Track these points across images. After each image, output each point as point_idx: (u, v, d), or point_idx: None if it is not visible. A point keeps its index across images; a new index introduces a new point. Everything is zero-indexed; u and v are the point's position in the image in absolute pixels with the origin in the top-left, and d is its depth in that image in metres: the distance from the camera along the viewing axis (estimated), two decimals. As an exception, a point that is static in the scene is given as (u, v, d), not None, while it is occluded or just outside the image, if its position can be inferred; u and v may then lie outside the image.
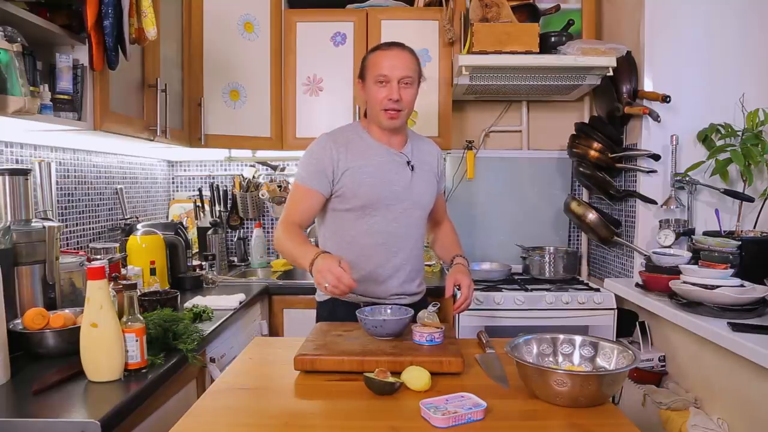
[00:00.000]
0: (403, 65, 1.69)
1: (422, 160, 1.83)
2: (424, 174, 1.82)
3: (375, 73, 1.69)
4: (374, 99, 1.71)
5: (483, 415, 1.09)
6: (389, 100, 1.68)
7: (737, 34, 2.30)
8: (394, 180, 1.75)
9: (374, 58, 1.72)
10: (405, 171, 1.77)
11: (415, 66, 1.73)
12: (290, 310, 2.50)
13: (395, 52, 1.71)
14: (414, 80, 1.72)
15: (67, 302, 1.61)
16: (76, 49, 1.68)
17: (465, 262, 1.84)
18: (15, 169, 1.52)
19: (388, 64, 1.68)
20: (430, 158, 1.87)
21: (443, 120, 2.73)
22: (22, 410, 1.13)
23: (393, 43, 1.75)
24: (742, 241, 2.01)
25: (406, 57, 1.71)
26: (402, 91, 1.68)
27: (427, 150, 1.88)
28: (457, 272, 1.78)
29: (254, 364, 1.45)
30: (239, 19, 2.62)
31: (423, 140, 1.92)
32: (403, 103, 1.69)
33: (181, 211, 3.08)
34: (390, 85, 1.68)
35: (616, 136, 2.50)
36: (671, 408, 1.84)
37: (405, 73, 1.68)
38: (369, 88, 1.73)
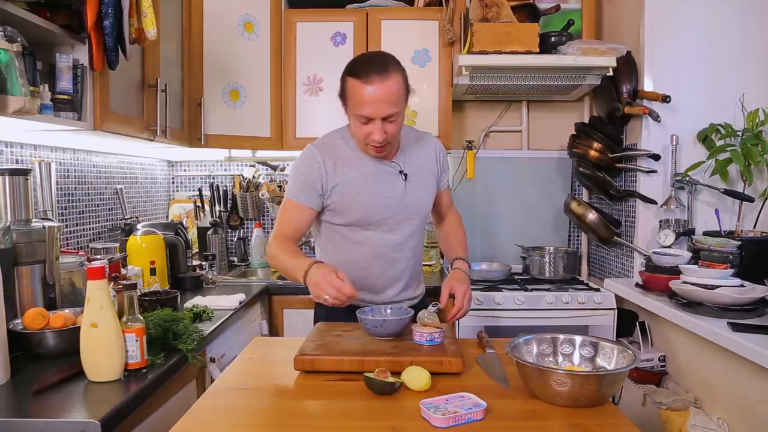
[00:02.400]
0: (386, 101, 1.50)
1: (417, 165, 1.72)
2: (420, 180, 1.72)
3: (356, 111, 1.53)
4: (358, 132, 1.58)
5: (483, 415, 1.09)
6: (373, 139, 1.55)
7: (737, 34, 2.30)
8: (386, 192, 1.66)
9: (355, 91, 1.52)
10: (398, 182, 1.67)
11: (399, 94, 1.53)
12: (290, 310, 2.51)
13: (377, 86, 1.49)
14: (400, 111, 1.55)
15: (67, 302, 1.61)
16: (76, 49, 1.68)
17: (465, 266, 1.73)
18: (15, 169, 1.52)
19: (370, 102, 1.50)
20: (427, 158, 1.75)
21: (443, 120, 2.73)
22: (22, 410, 1.13)
23: (374, 64, 1.53)
24: (742, 241, 2.01)
25: (389, 89, 1.50)
26: (387, 127, 1.54)
27: (423, 150, 1.75)
28: (453, 279, 1.66)
29: (254, 364, 1.45)
30: (239, 19, 2.62)
31: (419, 139, 1.77)
32: (389, 137, 1.56)
33: (181, 211, 3.08)
34: (374, 123, 1.53)
35: (616, 136, 2.51)
36: (671, 408, 1.84)
37: (389, 111, 1.51)
38: (351, 119, 1.60)
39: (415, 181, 1.71)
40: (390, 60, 1.56)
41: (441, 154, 1.81)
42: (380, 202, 1.67)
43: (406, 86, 1.56)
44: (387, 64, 1.53)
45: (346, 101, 1.58)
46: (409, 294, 1.81)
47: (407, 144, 1.74)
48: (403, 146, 1.72)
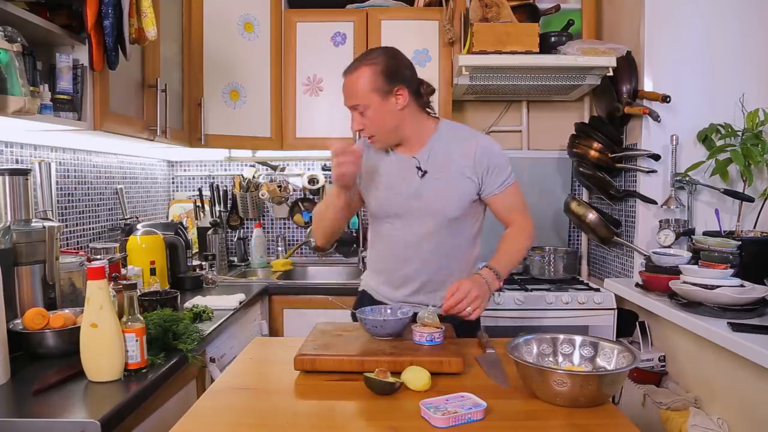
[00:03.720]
0: (349, 94, 1.59)
1: (444, 163, 1.64)
2: (443, 179, 1.64)
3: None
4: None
5: (483, 415, 1.09)
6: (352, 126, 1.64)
7: (737, 34, 2.30)
8: (401, 187, 1.66)
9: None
10: (414, 177, 1.65)
11: (361, 89, 1.56)
12: (290, 310, 2.50)
13: (346, 78, 1.60)
14: (369, 104, 1.57)
15: (67, 302, 1.61)
16: (76, 49, 1.68)
17: (489, 273, 1.55)
18: (15, 169, 1.52)
19: (344, 94, 1.61)
20: (461, 157, 1.64)
21: (443, 120, 2.73)
22: (22, 410, 1.13)
23: (354, 61, 1.63)
24: (742, 241, 2.01)
25: (353, 82, 1.57)
26: (361, 119, 1.59)
27: (459, 148, 1.65)
28: (465, 278, 1.53)
29: (254, 364, 1.45)
30: (239, 19, 2.62)
31: (459, 136, 1.68)
32: (370, 128, 1.60)
33: (181, 211, 3.08)
34: (353, 114, 1.62)
35: (616, 136, 2.50)
36: (671, 408, 1.84)
37: (353, 102, 1.58)
38: None
39: (436, 180, 1.64)
40: (368, 54, 1.61)
41: (484, 155, 1.65)
42: (393, 196, 1.67)
43: (375, 79, 1.56)
44: (362, 59, 1.60)
45: None
46: (427, 300, 1.64)
47: (441, 140, 1.67)
48: (434, 142, 1.67)
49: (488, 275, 1.54)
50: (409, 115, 1.63)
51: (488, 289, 1.51)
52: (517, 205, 1.73)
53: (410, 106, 1.62)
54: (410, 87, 1.61)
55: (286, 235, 3.14)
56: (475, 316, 1.47)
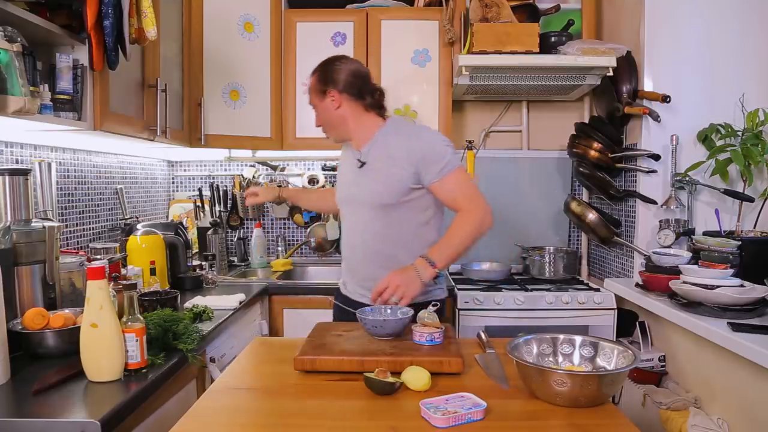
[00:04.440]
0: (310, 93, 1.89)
1: (380, 156, 1.77)
2: (377, 170, 1.76)
3: None
4: None
5: (483, 415, 1.09)
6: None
7: (737, 34, 2.30)
8: (346, 179, 1.89)
9: None
10: (354, 168, 1.83)
11: (312, 88, 1.86)
12: (290, 310, 2.50)
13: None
14: (315, 104, 1.87)
15: (67, 302, 1.61)
16: (76, 49, 1.68)
17: (421, 262, 1.63)
18: (15, 169, 1.52)
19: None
20: (397, 151, 1.74)
21: (443, 120, 2.73)
22: (22, 410, 1.13)
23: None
24: (742, 241, 2.01)
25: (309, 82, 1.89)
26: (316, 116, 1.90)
27: (397, 143, 1.76)
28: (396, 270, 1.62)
29: (254, 364, 1.45)
30: (239, 19, 2.62)
31: (401, 131, 1.80)
32: (318, 123, 1.91)
33: (181, 211, 3.08)
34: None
35: (616, 136, 2.50)
36: (671, 408, 1.84)
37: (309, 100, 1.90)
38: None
39: (372, 171, 1.79)
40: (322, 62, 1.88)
41: (418, 145, 1.74)
42: (341, 185, 1.93)
43: (315, 84, 1.86)
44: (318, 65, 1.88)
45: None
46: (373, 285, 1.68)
47: (383, 136, 1.82)
48: (377, 138, 1.82)
49: (420, 264, 1.64)
50: (349, 114, 1.83)
51: (417, 277, 1.61)
52: (460, 192, 1.75)
53: (349, 107, 1.83)
54: (345, 91, 1.81)
55: (286, 235, 3.14)
56: (404, 304, 1.58)
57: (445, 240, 1.71)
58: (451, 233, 1.71)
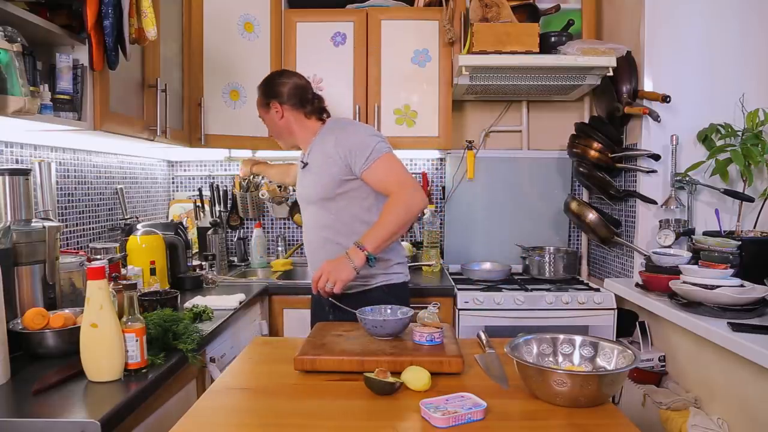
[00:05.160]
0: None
1: (316, 155, 1.95)
2: (315, 167, 1.94)
3: None
4: None
5: (483, 415, 1.09)
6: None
7: (737, 34, 2.30)
8: (298, 180, 2.05)
9: None
10: (300, 170, 2.03)
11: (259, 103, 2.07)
12: (290, 310, 2.50)
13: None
14: (262, 117, 2.09)
15: (67, 302, 1.61)
16: (76, 49, 1.68)
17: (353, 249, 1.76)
18: (15, 169, 1.52)
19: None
20: (326, 148, 1.91)
21: (443, 120, 2.73)
22: (22, 410, 1.13)
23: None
24: (742, 241, 2.01)
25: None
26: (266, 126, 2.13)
27: (328, 138, 1.94)
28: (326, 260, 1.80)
29: (254, 364, 1.45)
30: (239, 19, 2.62)
31: (331, 130, 1.98)
32: (272, 135, 2.15)
33: (181, 211, 3.08)
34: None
35: (616, 136, 2.51)
36: (671, 408, 1.84)
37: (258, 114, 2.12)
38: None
39: (309, 170, 1.96)
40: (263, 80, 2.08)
41: (343, 137, 1.89)
42: (297, 187, 2.07)
43: (259, 98, 2.07)
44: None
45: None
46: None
47: (320, 137, 1.99)
48: (316, 140, 1.99)
49: (352, 251, 1.76)
50: (293, 122, 2.02)
51: (348, 263, 1.75)
52: (388, 178, 1.84)
53: (292, 116, 2.01)
54: (287, 102, 2.00)
55: (286, 235, 3.14)
56: (337, 290, 1.76)
57: (375, 225, 1.80)
58: (381, 218, 1.81)
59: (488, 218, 3.00)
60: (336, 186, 1.89)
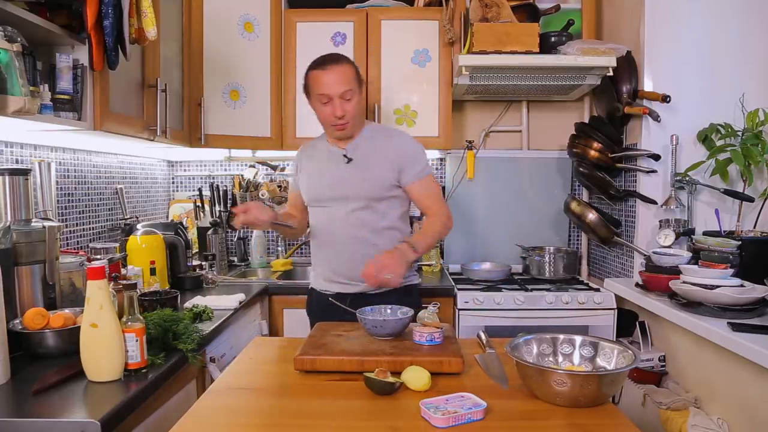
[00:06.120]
0: (341, 81, 1.80)
1: (367, 153, 1.89)
2: (364, 164, 1.88)
3: (316, 92, 1.83)
4: (320, 116, 1.88)
5: (483, 415, 1.09)
6: (334, 116, 1.82)
7: (737, 34, 2.30)
8: (328, 175, 1.92)
9: (314, 77, 1.84)
10: (340, 165, 1.90)
11: (352, 77, 1.84)
12: (290, 310, 2.50)
13: (331, 68, 1.81)
14: (354, 91, 1.84)
15: (67, 302, 1.61)
16: (76, 49, 1.68)
17: (404, 245, 1.77)
18: (15, 169, 1.52)
19: (327, 82, 1.80)
20: (383, 149, 1.89)
21: (443, 120, 2.73)
22: (22, 410, 1.13)
23: (328, 57, 1.86)
24: (742, 241, 2.01)
25: (343, 71, 1.82)
26: (345, 105, 1.82)
27: (383, 141, 1.91)
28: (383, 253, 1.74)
29: (254, 364, 1.45)
30: (239, 19, 2.62)
31: (384, 133, 1.96)
32: (348, 116, 1.83)
33: (181, 211, 3.08)
34: (332, 102, 1.81)
35: (616, 136, 2.50)
36: (671, 408, 1.84)
37: (344, 88, 1.81)
38: (314, 106, 1.89)
39: (355, 166, 1.89)
40: (343, 56, 1.89)
41: (401, 148, 1.91)
42: (324, 180, 1.93)
43: (358, 75, 1.88)
44: (340, 57, 1.87)
45: (309, 93, 1.88)
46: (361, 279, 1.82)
47: (368, 135, 1.94)
48: (361, 137, 1.93)
49: (403, 247, 1.76)
50: (362, 111, 1.93)
51: (401, 256, 1.73)
52: (431, 194, 1.94)
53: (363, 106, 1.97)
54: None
55: (286, 235, 3.14)
56: (395, 282, 1.70)
57: (423, 232, 1.89)
58: (429, 228, 1.90)
59: (488, 218, 3.00)
60: (386, 189, 1.88)
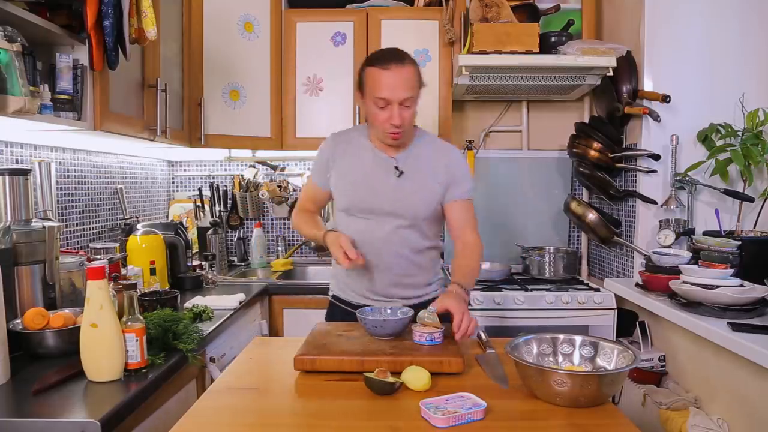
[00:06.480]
0: (403, 86, 1.60)
1: (419, 166, 1.73)
2: (417, 180, 1.72)
3: (374, 95, 1.61)
4: (374, 118, 1.66)
5: (483, 415, 1.09)
6: (390, 124, 1.62)
7: (737, 34, 2.30)
8: (376, 185, 1.72)
9: (373, 76, 1.62)
10: (390, 176, 1.71)
11: (414, 82, 1.63)
12: (290, 310, 2.50)
13: (394, 71, 1.59)
14: (415, 98, 1.64)
15: (67, 302, 1.61)
16: (76, 49, 1.68)
17: (459, 289, 1.58)
18: (15, 169, 1.52)
19: (388, 85, 1.59)
20: (435, 164, 1.74)
21: (443, 120, 2.73)
22: (22, 410, 1.13)
23: (391, 55, 1.63)
24: (742, 241, 2.01)
25: (406, 75, 1.61)
26: (403, 112, 1.62)
27: (434, 155, 1.75)
28: (444, 297, 1.53)
29: (254, 364, 1.45)
30: (239, 19, 2.62)
31: (434, 144, 1.80)
32: (407, 122, 1.65)
33: (181, 211, 3.08)
34: (390, 107, 1.61)
35: (616, 136, 2.50)
36: (671, 408, 1.84)
37: (405, 95, 1.60)
38: (368, 106, 1.66)
39: (410, 181, 1.71)
40: (406, 54, 1.67)
41: (454, 165, 1.76)
42: (369, 191, 1.73)
43: (420, 77, 1.67)
44: (403, 56, 1.65)
45: (363, 91, 1.67)
46: (407, 293, 1.77)
47: (419, 146, 1.76)
48: (413, 147, 1.76)
49: (460, 291, 1.57)
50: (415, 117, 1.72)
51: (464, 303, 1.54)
52: (472, 219, 1.80)
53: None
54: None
55: (286, 235, 3.14)
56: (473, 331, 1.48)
57: (472, 271, 1.71)
58: (474, 263, 1.74)
59: (488, 218, 3.00)
60: (434, 208, 1.74)
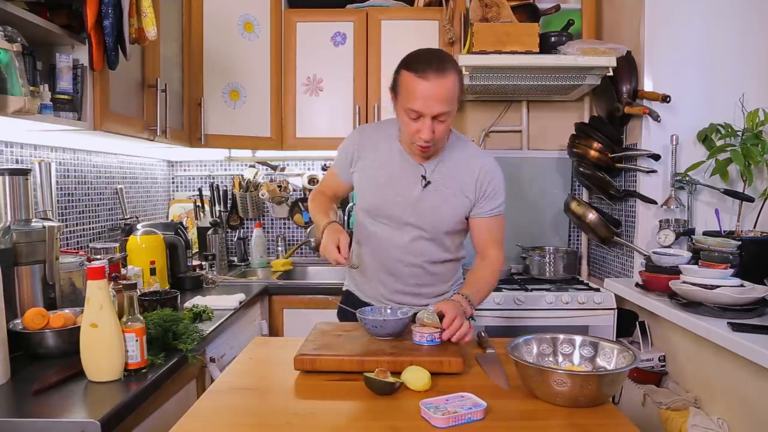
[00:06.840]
0: (440, 99, 1.45)
1: (448, 178, 1.63)
2: (444, 193, 1.62)
3: (407, 104, 1.48)
4: (405, 127, 1.54)
5: (483, 415, 1.09)
6: (420, 137, 1.50)
7: (737, 34, 2.30)
8: (401, 192, 1.63)
9: (407, 82, 1.48)
10: (416, 185, 1.62)
11: (453, 95, 1.48)
12: (290, 310, 2.51)
13: (432, 82, 1.44)
14: (452, 112, 1.50)
15: (67, 302, 1.61)
16: (76, 49, 1.68)
17: (462, 299, 1.52)
18: (15, 169, 1.52)
19: (423, 97, 1.45)
20: (464, 176, 1.63)
21: (443, 120, 2.72)
22: (22, 410, 1.13)
23: (432, 59, 1.48)
24: (742, 241, 2.01)
25: (445, 86, 1.45)
26: (436, 126, 1.49)
27: (464, 166, 1.64)
28: (444, 302, 1.49)
29: (254, 364, 1.45)
30: (239, 19, 2.62)
31: (467, 153, 1.68)
32: (437, 138, 1.52)
33: (181, 211, 3.08)
34: (423, 120, 1.48)
35: (616, 136, 2.50)
36: (671, 408, 1.84)
37: (441, 109, 1.46)
38: (400, 113, 1.55)
39: (437, 192, 1.63)
40: (449, 59, 1.52)
41: (486, 179, 1.64)
42: (392, 198, 1.65)
43: (461, 87, 1.53)
44: (445, 63, 1.48)
45: (397, 95, 1.55)
46: (421, 301, 1.71)
47: (451, 154, 1.66)
48: (444, 155, 1.65)
49: (464, 302, 1.51)
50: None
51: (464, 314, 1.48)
52: (497, 235, 1.69)
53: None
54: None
55: (286, 235, 3.14)
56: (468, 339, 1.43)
57: (484, 287, 1.64)
58: (487, 279, 1.66)
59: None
60: (459, 223, 1.66)
